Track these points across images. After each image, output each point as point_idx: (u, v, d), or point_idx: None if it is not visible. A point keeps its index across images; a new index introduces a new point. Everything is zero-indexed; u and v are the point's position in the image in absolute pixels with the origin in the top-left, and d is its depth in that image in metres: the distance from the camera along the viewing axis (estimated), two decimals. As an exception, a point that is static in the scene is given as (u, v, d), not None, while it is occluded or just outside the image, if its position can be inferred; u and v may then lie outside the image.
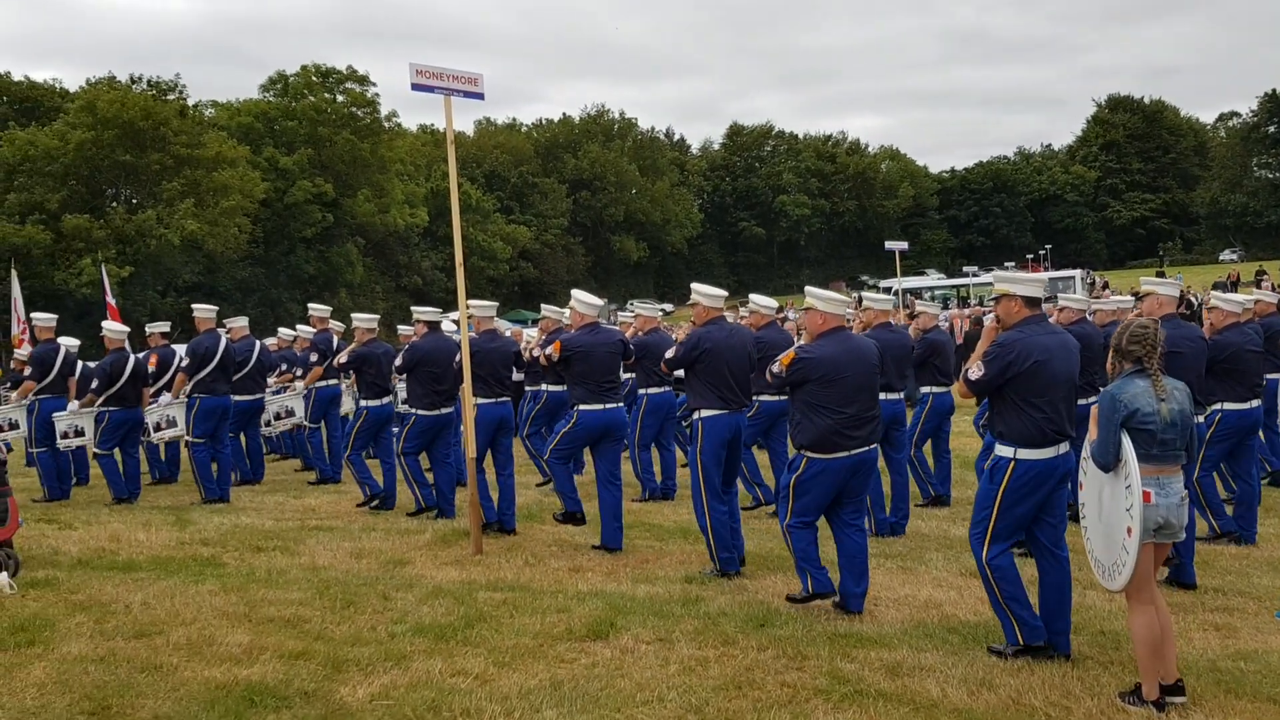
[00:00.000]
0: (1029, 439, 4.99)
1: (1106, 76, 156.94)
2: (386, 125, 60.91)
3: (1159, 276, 13.54)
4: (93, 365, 11.21)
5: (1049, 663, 4.96)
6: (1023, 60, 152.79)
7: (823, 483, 5.83)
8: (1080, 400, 6.17)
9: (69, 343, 11.61)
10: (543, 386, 10.76)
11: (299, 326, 13.38)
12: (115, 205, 49.33)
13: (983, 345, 5.27)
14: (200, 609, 6.04)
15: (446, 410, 9.15)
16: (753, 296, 9.05)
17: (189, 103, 53.40)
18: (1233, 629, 5.61)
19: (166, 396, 11.18)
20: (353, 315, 10.67)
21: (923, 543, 7.91)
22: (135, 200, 50.23)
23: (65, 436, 10.77)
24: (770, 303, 9.14)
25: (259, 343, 11.96)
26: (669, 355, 7.19)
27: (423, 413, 8.98)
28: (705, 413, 6.81)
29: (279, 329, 14.82)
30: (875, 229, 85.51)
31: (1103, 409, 4.42)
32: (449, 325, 12.00)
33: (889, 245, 18.15)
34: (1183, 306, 15.85)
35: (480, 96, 7.91)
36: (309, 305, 12.73)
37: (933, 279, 58.06)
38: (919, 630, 5.57)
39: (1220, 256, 74.16)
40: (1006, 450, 5.05)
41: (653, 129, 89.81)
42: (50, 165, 45.47)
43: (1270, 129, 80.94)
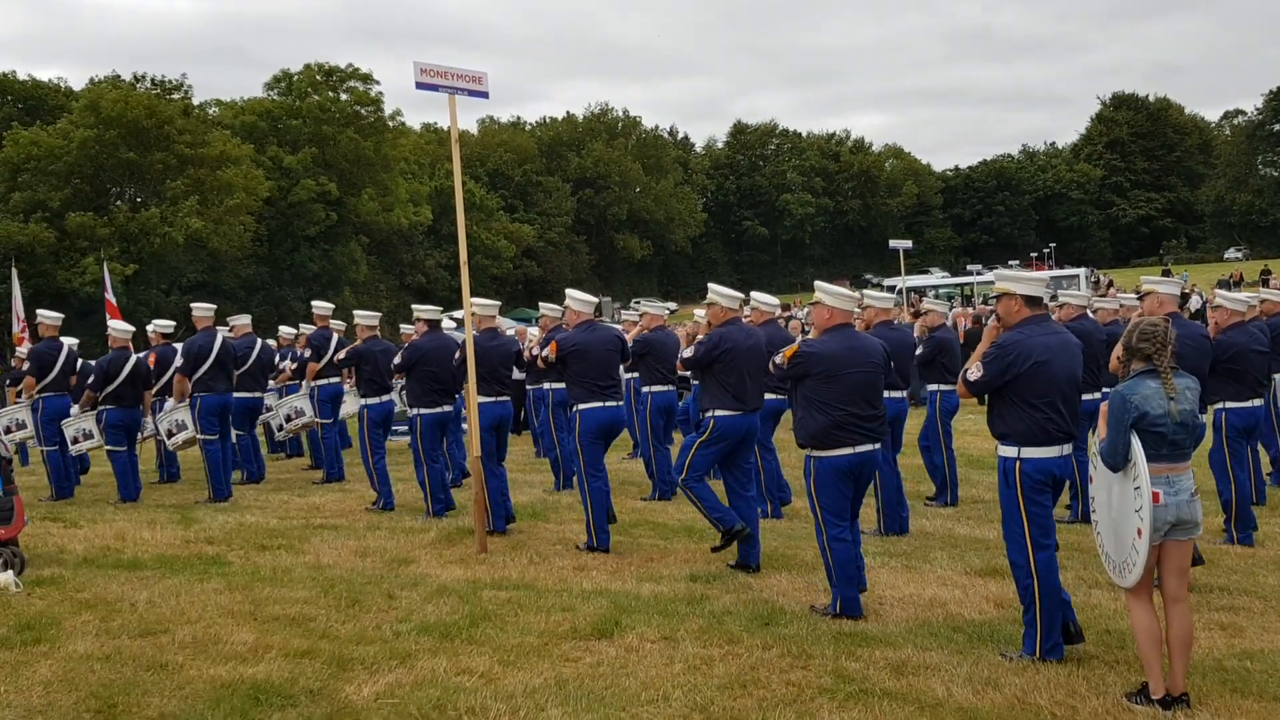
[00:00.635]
0: (1031, 438, 4.98)
1: (1111, 74, 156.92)
2: (390, 124, 60.90)
3: (1165, 275, 13.50)
4: (91, 363, 11.24)
5: (1054, 662, 4.95)
6: (1027, 58, 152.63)
7: (832, 481, 5.80)
8: (1084, 397, 6.15)
9: (68, 341, 11.63)
10: (544, 385, 10.76)
11: (302, 326, 13.38)
12: (119, 204, 49.32)
13: (983, 345, 5.24)
14: (205, 607, 6.05)
15: (446, 408, 9.17)
16: (754, 294, 9.05)
17: (193, 102, 53.41)
18: (1239, 628, 5.60)
19: (171, 402, 11.15)
20: (354, 313, 10.68)
21: (927, 541, 7.90)
22: (139, 199, 50.23)
23: (76, 442, 10.78)
24: (772, 300, 9.12)
25: (260, 341, 11.98)
26: (687, 354, 7.12)
27: (424, 411, 9.00)
28: (719, 413, 6.80)
29: (280, 327, 14.83)
30: (879, 227, 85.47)
31: (1113, 410, 4.40)
32: (448, 324, 11.99)
33: (893, 244, 18.09)
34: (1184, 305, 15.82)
35: (485, 95, 7.92)
36: (313, 303, 12.74)
37: (937, 277, 57.94)
38: (924, 629, 5.56)
39: (1225, 255, 73.96)
40: (1010, 450, 5.04)
41: (656, 127, 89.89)
42: (54, 164, 45.46)
43: (1276, 127, 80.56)
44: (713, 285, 7.18)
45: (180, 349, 10.93)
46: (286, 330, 14.35)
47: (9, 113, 51.20)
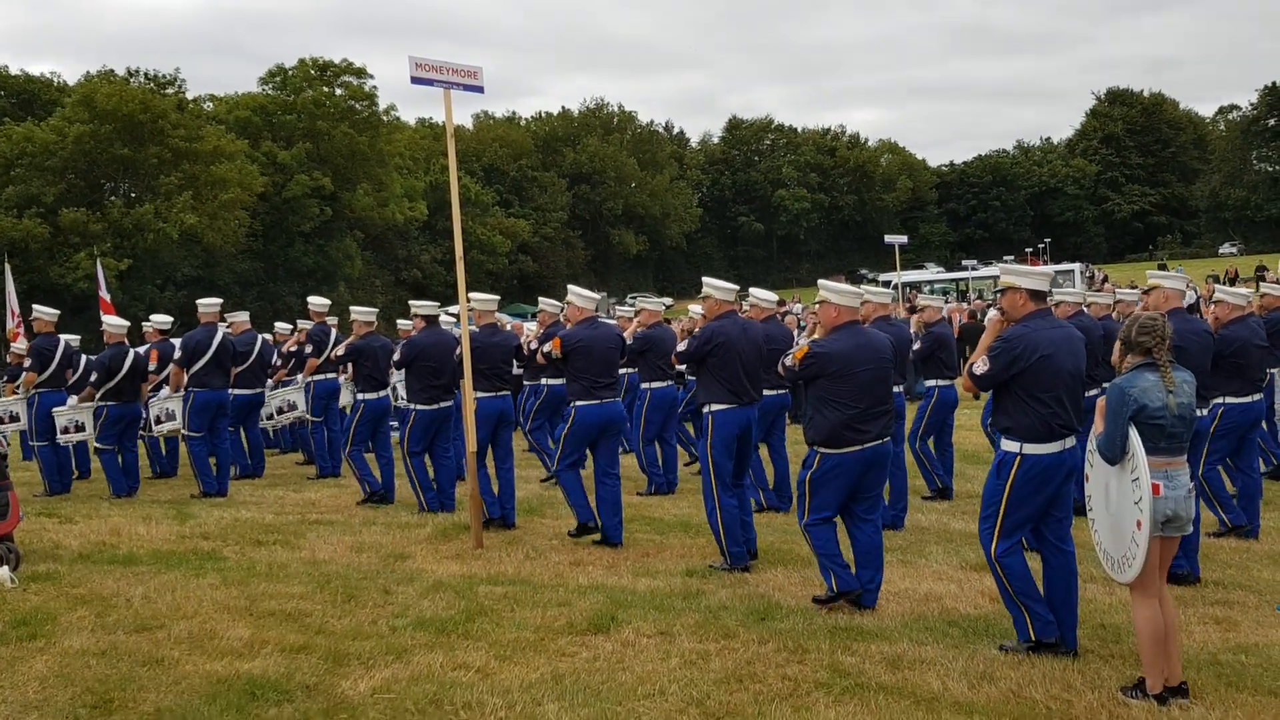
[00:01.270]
0: (1035, 434, 4.97)
1: (1106, 69, 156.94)
2: (385, 119, 60.79)
3: (1160, 270, 13.48)
4: (93, 359, 11.22)
5: (1050, 656, 4.96)
6: (1022, 53, 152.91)
7: (837, 478, 5.81)
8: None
9: (66, 338, 11.60)
10: (542, 381, 10.76)
11: (299, 322, 13.34)
12: (113, 199, 49.20)
13: (987, 339, 5.23)
14: (201, 603, 6.04)
15: (445, 404, 9.14)
16: (753, 290, 9.05)
17: (187, 96, 53.28)
18: (1233, 622, 5.61)
19: (166, 390, 11.20)
20: (351, 308, 10.66)
21: (923, 536, 7.91)
22: (133, 194, 50.10)
23: (65, 432, 10.78)
24: (770, 296, 9.13)
25: (261, 337, 11.93)
26: (681, 349, 7.13)
27: (422, 407, 8.97)
28: (715, 407, 6.80)
29: (275, 324, 14.79)
30: (874, 223, 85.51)
31: (1111, 402, 4.40)
32: (447, 319, 11.94)
33: (888, 239, 18.09)
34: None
35: (480, 89, 7.90)
36: (308, 299, 12.71)
37: (932, 273, 57.95)
38: (919, 623, 5.57)
39: (1219, 250, 74.07)
40: (1012, 445, 5.03)
41: (652, 123, 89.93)
42: (48, 159, 45.36)
43: (1270, 122, 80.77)
44: (707, 279, 7.18)
45: (179, 343, 10.95)
46: (282, 326, 14.31)
47: (2, 107, 51.07)
